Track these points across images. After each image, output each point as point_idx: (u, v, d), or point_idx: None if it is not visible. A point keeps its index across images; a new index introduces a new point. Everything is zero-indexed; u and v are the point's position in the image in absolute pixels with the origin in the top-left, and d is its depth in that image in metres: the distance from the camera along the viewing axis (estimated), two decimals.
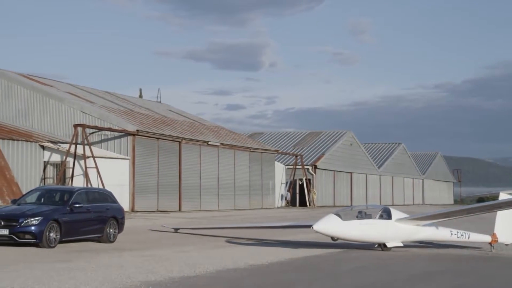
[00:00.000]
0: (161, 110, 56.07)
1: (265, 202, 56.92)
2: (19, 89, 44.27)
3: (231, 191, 52.22)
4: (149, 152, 42.77)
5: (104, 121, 42.09)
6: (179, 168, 45.59)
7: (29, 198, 21.47)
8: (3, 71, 45.62)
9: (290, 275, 15.47)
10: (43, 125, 42.92)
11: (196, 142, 48.02)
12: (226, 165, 51.69)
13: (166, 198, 43.91)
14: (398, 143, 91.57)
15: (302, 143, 72.17)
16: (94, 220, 21.27)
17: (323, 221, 20.41)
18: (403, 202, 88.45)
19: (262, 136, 76.50)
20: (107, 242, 21.54)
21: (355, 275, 15.77)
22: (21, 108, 43.79)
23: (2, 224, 19.16)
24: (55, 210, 20.02)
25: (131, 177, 40.74)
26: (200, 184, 48.09)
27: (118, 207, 22.79)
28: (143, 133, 42.19)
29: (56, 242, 19.59)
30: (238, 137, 59.07)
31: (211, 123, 60.92)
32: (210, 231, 27.14)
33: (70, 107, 43.12)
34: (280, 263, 17.55)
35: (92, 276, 13.97)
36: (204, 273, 14.96)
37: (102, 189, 27.67)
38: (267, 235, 25.94)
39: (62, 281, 13.19)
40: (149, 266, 15.81)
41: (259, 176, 56.30)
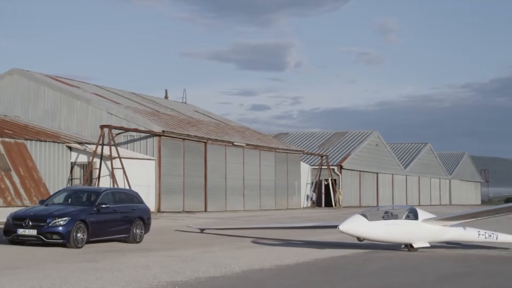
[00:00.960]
0: (186, 110, 56.25)
1: (291, 203, 56.84)
2: (47, 90, 44.69)
3: (257, 192, 52.23)
4: (175, 152, 42.93)
5: (130, 122, 42.32)
6: (204, 169, 45.69)
7: (57, 199, 21.63)
8: (31, 73, 46.07)
9: (316, 275, 15.43)
10: (70, 126, 43.28)
11: (222, 142, 48.09)
12: (252, 165, 51.70)
13: (192, 199, 44.03)
14: (425, 143, 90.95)
15: (328, 144, 71.96)
16: (121, 221, 21.38)
17: (349, 221, 20.33)
18: (429, 203, 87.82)
19: (287, 137, 76.41)
20: (133, 243, 21.64)
21: (381, 276, 15.68)
22: (49, 109, 44.19)
23: (30, 224, 19.34)
24: (82, 211, 20.16)
25: (157, 177, 40.92)
26: (226, 184, 48.15)
27: (144, 207, 22.89)
28: (169, 133, 42.36)
29: (83, 242, 19.72)
30: (264, 137, 59.06)
31: (237, 124, 60.98)
32: (236, 231, 27.15)
33: (97, 108, 43.42)
34: (306, 263, 17.50)
35: (118, 276, 14.05)
36: (230, 274, 14.97)
37: (129, 189, 27.82)
38: (293, 236, 25.90)
39: (89, 281, 13.27)
40: (175, 266, 15.86)
41: (285, 177, 56.24)
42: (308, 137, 76.11)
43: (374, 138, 74.10)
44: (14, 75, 45.67)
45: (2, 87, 45.67)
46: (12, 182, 31.95)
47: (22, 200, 31.68)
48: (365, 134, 73.69)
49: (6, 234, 19.75)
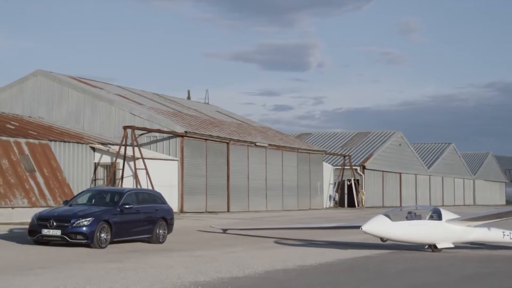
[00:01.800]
0: (209, 111, 56.36)
1: (313, 203, 56.74)
2: (70, 91, 45.02)
3: (279, 192, 52.20)
4: (197, 153, 43.04)
5: (153, 123, 42.50)
6: (227, 169, 45.76)
7: (81, 199, 21.76)
8: (54, 74, 46.44)
9: (339, 276, 15.39)
10: (93, 127, 43.56)
11: (244, 143, 48.13)
12: (274, 165, 51.69)
13: (214, 199, 44.11)
14: (448, 143, 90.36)
15: (350, 144, 71.74)
16: (144, 221, 21.46)
17: (372, 221, 20.25)
18: (453, 203, 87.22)
19: (309, 137, 76.30)
20: (156, 243, 21.72)
21: (405, 276, 15.60)
22: (72, 110, 44.51)
23: (54, 224, 19.47)
24: (105, 211, 20.26)
25: (179, 178, 41.05)
26: (248, 185, 48.18)
27: (167, 208, 22.96)
28: (191, 134, 42.48)
29: (107, 242, 19.82)
30: (286, 137, 59.02)
31: (259, 124, 61.00)
32: (259, 231, 27.16)
33: (120, 109, 43.66)
34: (329, 264, 17.46)
35: (142, 276, 14.11)
36: (253, 274, 14.98)
37: (152, 190, 27.94)
38: (316, 236, 25.85)
39: (113, 281, 13.35)
40: (198, 266, 15.90)
41: (307, 177, 56.16)
42: (330, 137, 75.92)
43: (397, 138, 73.77)
44: (38, 77, 46.08)
45: (26, 89, 46.09)
46: (37, 182, 32.22)
47: (47, 200, 31.94)
48: (388, 134, 73.39)
49: (30, 234, 19.90)
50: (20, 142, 32.85)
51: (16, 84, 46.57)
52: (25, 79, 46.38)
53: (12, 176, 31.14)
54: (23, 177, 31.71)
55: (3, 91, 46.86)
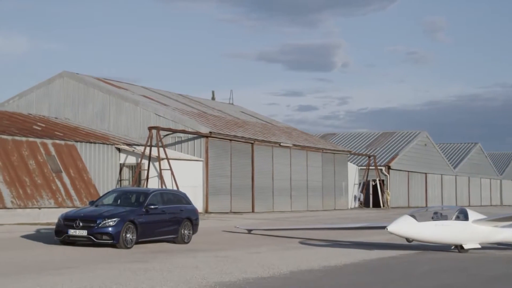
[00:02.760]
0: (233, 112, 56.43)
1: (338, 203, 56.58)
2: (96, 92, 45.33)
3: (304, 192, 52.12)
4: (222, 153, 43.12)
5: (178, 123, 42.65)
6: (252, 170, 45.79)
7: (106, 200, 21.86)
8: (80, 76, 46.80)
9: (364, 276, 15.32)
10: (118, 128, 43.82)
11: (269, 143, 48.12)
12: (299, 166, 51.62)
13: (239, 200, 44.16)
14: (474, 143, 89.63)
15: (375, 144, 71.45)
16: (169, 221, 21.52)
17: (397, 222, 20.13)
18: (480, 203, 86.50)
19: (334, 137, 76.11)
20: (181, 243, 21.78)
21: (431, 277, 15.49)
22: (98, 111, 44.81)
23: (80, 225, 19.58)
24: (131, 212, 20.35)
25: (204, 178, 41.15)
26: (273, 185, 48.17)
27: (192, 208, 23.01)
28: (216, 135, 42.56)
29: (133, 243, 19.90)
30: (310, 138, 58.92)
31: (283, 124, 60.96)
32: (283, 232, 27.13)
33: (145, 110, 43.88)
34: (354, 264, 17.39)
35: (167, 276, 14.15)
36: (278, 274, 14.96)
37: (177, 190, 28.03)
38: (341, 236, 25.76)
39: (138, 281, 13.40)
40: (224, 267, 15.91)
41: (332, 177, 56.01)
42: (355, 137, 75.68)
43: (423, 138, 73.34)
44: (64, 78, 46.47)
45: (52, 90, 46.50)
46: (63, 183, 32.48)
47: (73, 201, 32.18)
48: (413, 134, 72.98)
49: (57, 235, 20.03)
50: (46, 143, 33.14)
51: (42, 86, 47.01)
52: (51, 81, 46.79)
53: (39, 176, 31.43)
54: (50, 177, 31.99)
55: (30, 93, 47.32)
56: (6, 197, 29.33)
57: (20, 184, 30.29)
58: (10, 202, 29.36)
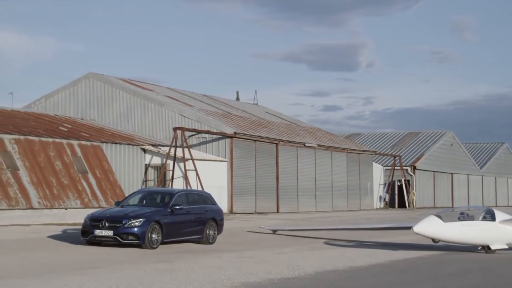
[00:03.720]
0: (258, 112, 56.45)
1: (363, 204, 56.36)
2: (121, 93, 45.60)
3: (329, 193, 51.99)
4: (246, 154, 43.14)
5: (203, 124, 42.75)
6: (276, 170, 45.77)
7: (132, 200, 21.96)
8: (106, 77, 47.10)
9: (390, 277, 15.24)
10: (144, 129, 44.04)
11: (293, 143, 48.07)
12: (323, 166, 51.50)
13: (264, 200, 44.16)
14: (501, 143, 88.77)
15: (401, 144, 71.07)
16: (194, 222, 21.57)
17: (423, 222, 20.00)
18: (507, 204, 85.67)
19: (359, 137, 75.83)
20: (206, 244, 21.81)
21: (458, 278, 15.37)
22: (123, 112, 45.07)
23: (106, 225, 19.68)
24: (156, 212, 20.41)
25: (229, 179, 41.21)
26: (298, 185, 48.11)
27: (217, 208, 23.03)
28: (240, 135, 42.60)
29: (158, 243, 19.96)
30: (335, 138, 58.76)
31: (308, 125, 60.86)
32: (308, 232, 27.08)
33: (170, 110, 44.05)
34: (380, 265, 17.31)
35: (193, 277, 14.19)
36: (304, 275, 14.93)
37: (202, 191, 28.08)
38: (366, 237, 25.66)
39: (164, 281, 13.45)
40: (249, 267, 15.91)
41: (357, 177, 55.81)
42: (380, 137, 75.34)
43: (449, 138, 72.81)
44: (90, 79, 46.81)
45: (78, 91, 46.86)
46: (89, 184, 32.71)
47: (99, 201, 32.39)
48: (439, 134, 72.48)
49: (83, 235, 20.16)
50: (72, 144, 33.40)
51: (68, 87, 47.39)
52: (77, 82, 47.16)
53: (65, 177, 31.68)
54: (76, 178, 32.24)
55: (56, 94, 47.73)
56: (33, 197, 29.61)
57: (46, 185, 30.56)
58: (37, 203, 29.63)
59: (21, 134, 31.34)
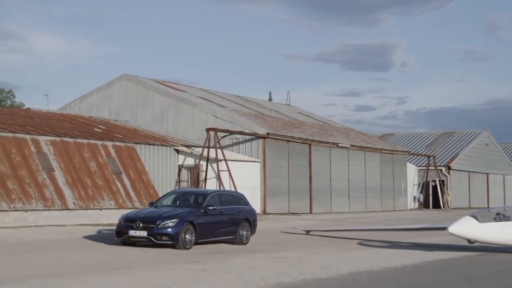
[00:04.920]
0: (290, 112, 56.38)
1: (397, 204, 55.97)
2: (155, 95, 45.88)
3: (362, 193, 51.73)
4: (279, 154, 43.11)
5: (235, 125, 42.82)
6: (309, 170, 45.66)
7: (165, 201, 22.08)
8: (140, 79, 47.43)
9: (425, 278, 15.10)
10: (177, 130, 44.26)
11: (326, 144, 47.92)
12: (357, 166, 51.26)
13: (296, 200, 44.09)
14: None
15: (435, 144, 70.44)
16: (227, 222, 21.61)
17: (458, 223, 19.80)
18: None
19: (393, 137, 75.32)
20: (240, 244, 21.84)
21: (494, 279, 15.18)
22: (157, 113, 45.35)
23: (141, 226, 19.81)
24: (190, 213, 20.50)
25: (262, 179, 41.22)
26: (331, 186, 47.95)
27: (250, 209, 23.05)
28: (273, 135, 42.58)
29: (192, 243, 20.04)
30: (368, 138, 58.45)
31: (341, 125, 60.63)
32: (342, 233, 26.97)
33: (203, 111, 44.20)
34: (414, 266, 17.17)
35: (226, 277, 14.21)
36: (337, 276, 14.87)
37: (235, 191, 28.11)
38: (400, 238, 25.47)
39: (197, 281, 13.49)
40: (282, 267, 15.89)
41: (391, 178, 55.44)
42: (414, 137, 74.74)
43: (484, 138, 71.94)
44: (123, 81, 47.17)
45: (112, 93, 47.26)
46: (123, 185, 32.96)
47: (133, 202, 32.62)
48: (474, 133, 71.68)
49: (118, 235, 20.31)
50: (107, 145, 33.69)
51: (103, 89, 47.82)
52: (111, 84, 47.57)
53: (100, 178, 31.97)
54: (110, 179, 32.51)
55: (91, 96, 48.20)
56: (68, 198, 29.92)
57: (81, 186, 30.86)
58: (72, 203, 29.94)
59: (56, 136, 31.70)
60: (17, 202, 27.71)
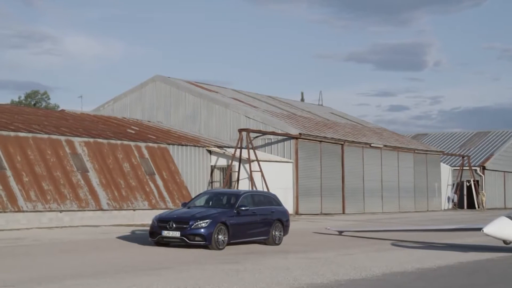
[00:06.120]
0: (323, 113, 56.24)
1: (431, 205, 55.51)
2: (187, 96, 46.10)
3: (395, 194, 51.39)
4: (311, 155, 43.03)
5: (268, 125, 42.84)
6: (342, 171, 45.50)
7: (198, 201, 22.14)
8: (172, 80, 47.69)
9: (460, 279, 14.95)
10: (209, 130, 44.41)
11: (359, 144, 47.71)
12: (390, 167, 50.94)
13: (329, 201, 43.96)
14: None
15: (469, 144, 69.72)
16: (260, 223, 21.61)
17: (494, 224, 19.55)
18: None
19: (426, 137, 74.72)
20: (272, 245, 21.83)
21: None
22: (189, 114, 45.56)
23: (174, 226, 19.91)
24: (222, 213, 20.54)
25: (294, 180, 41.17)
26: (363, 186, 47.73)
27: (283, 210, 23.03)
28: (305, 136, 42.51)
29: (224, 244, 20.07)
30: (402, 138, 58.06)
31: (374, 125, 60.31)
32: (375, 233, 26.82)
33: (235, 112, 44.29)
34: (449, 266, 17.01)
35: (259, 277, 14.22)
36: (371, 276, 14.79)
37: (267, 192, 28.11)
38: (434, 238, 25.25)
39: (231, 282, 13.52)
40: (315, 268, 15.86)
41: (424, 178, 55.01)
42: (448, 137, 74.07)
43: None
44: (156, 82, 47.47)
45: (145, 94, 47.58)
46: (156, 185, 33.16)
47: (166, 202, 32.81)
48: (509, 133, 70.79)
49: (151, 236, 20.43)
50: (140, 146, 33.93)
51: (136, 90, 48.18)
52: (144, 85, 47.90)
53: (133, 179, 32.20)
54: (144, 180, 32.73)
55: (124, 97, 48.58)
56: (102, 199, 30.19)
57: (115, 187, 31.12)
58: (106, 204, 30.21)
59: (90, 137, 32.01)
60: (52, 203, 28.04)
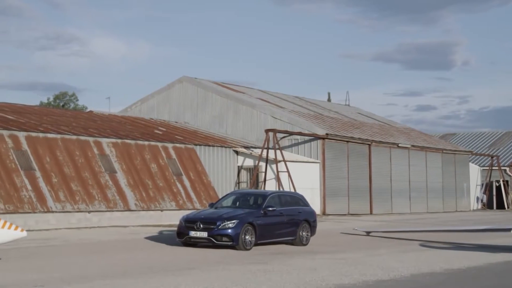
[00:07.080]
0: (350, 113, 56.05)
1: (460, 205, 55.06)
2: (214, 97, 46.22)
3: (423, 194, 51.05)
4: (338, 155, 42.90)
5: (294, 126, 42.80)
6: (369, 171, 45.31)
7: (225, 202, 22.19)
8: (199, 80, 47.84)
9: (489, 280, 14.81)
10: (236, 131, 44.48)
11: (386, 144, 47.46)
12: (418, 167, 50.62)
13: (356, 201, 43.80)
14: None
15: (498, 143, 69.03)
16: (287, 223, 21.60)
17: None
18: None
19: (454, 137, 74.13)
20: (300, 245, 21.81)
21: None
22: (216, 115, 45.67)
23: (201, 227, 19.96)
24: (249, 214, 20.55)
25: (321, 180, 41.08)
26: (391, 186, 47.47)
27: (310, 210, 22.99)
28: (332, 136, 42.40)
29: (252, 244, 20.09)
30: (430, 138, 57.66)
31: (401, 125, 59.97)
32: (403, 234, 26.66)
33: (261, 112, 44.31)
34: (478, 267, 16.85)
35: (287, 278, 14.21)
36: (399, 277, 14.71)
37: (294, 192, 28.08)
38: (463, 239, 25.03)
39: (258, 282, 13.52)
40: (342, 269, 15.81)
41: (453, 178, 54.57)
42: (477, 137, 73.40)
43: None
44: (183, 83, 47.66)
45: (172, 95, 47.79)
46: (183, 186, 33.29)
47: (193, 203, 32.92)
48: None
49: (179, 236, 20.51)
50: (167, 147, 34.08)
51: (163, 91, 48.41)
52: (171, 86, 48.11)
53: (161, 180, 32.36)
54: (171, 180, 32.87)
55: (151, 98, 48.84)
56: (130, 199, 30.38)
57: (143, 187, 31.29)
58: (134, 205, 30.39)
59: (118, 138, 32.22)
60: (80, 203, 28.28)
